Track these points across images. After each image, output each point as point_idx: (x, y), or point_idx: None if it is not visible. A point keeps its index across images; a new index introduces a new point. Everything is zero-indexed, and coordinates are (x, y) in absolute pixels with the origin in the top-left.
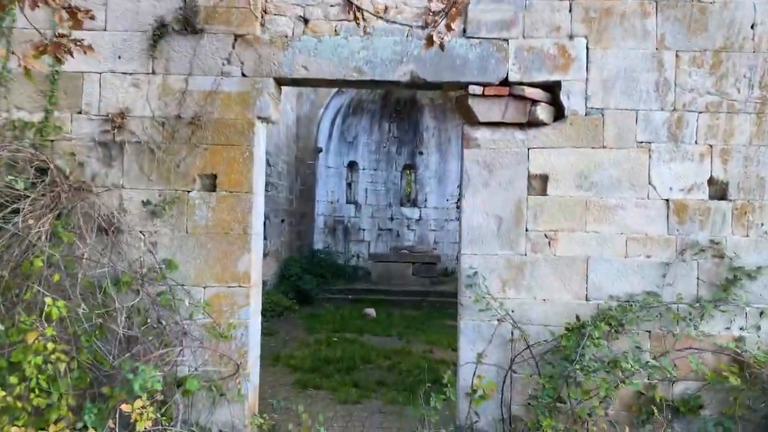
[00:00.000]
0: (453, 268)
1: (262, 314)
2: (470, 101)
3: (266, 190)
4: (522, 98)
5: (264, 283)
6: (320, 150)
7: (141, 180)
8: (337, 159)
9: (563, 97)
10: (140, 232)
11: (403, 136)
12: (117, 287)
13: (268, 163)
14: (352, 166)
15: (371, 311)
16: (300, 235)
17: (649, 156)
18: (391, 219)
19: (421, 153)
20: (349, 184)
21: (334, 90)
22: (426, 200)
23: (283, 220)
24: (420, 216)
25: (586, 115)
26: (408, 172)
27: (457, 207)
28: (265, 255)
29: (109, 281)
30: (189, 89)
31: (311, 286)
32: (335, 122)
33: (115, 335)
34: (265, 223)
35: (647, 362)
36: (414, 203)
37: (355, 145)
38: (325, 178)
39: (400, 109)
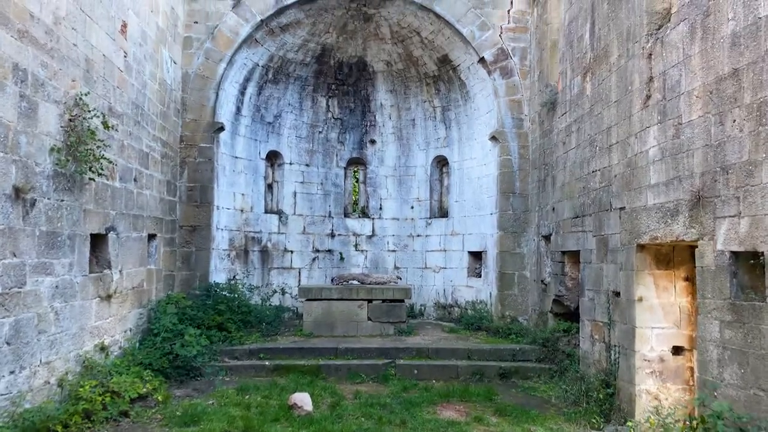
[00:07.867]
0: (423, 305)
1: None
2: None
3: (102, 177)
4: None
5: (103, 349)
6: (221, 128)
7: None
8: (250, 147)
9: None
10: None
11: (347, 117)
12: None
13: (106, 126)
14: (273, 158)
15: (304, 400)
16: (188, 261)
17: None
18: (332, 236)
19: (372, 142)
20: (269, 186)
21: (241, 36)
22: (381, 209)
23: (153, 236)
24: (373, 231)
25: None
26: (355, 169)
27: None
28: (108, 296)
29: None
30: None
31: (196, 349)
32: (246, 91)
33: None
34: (107, 239)
35: None
36: (364, 213)
37: (278, 128)
38: (231, 174)
39: (343, 77)
